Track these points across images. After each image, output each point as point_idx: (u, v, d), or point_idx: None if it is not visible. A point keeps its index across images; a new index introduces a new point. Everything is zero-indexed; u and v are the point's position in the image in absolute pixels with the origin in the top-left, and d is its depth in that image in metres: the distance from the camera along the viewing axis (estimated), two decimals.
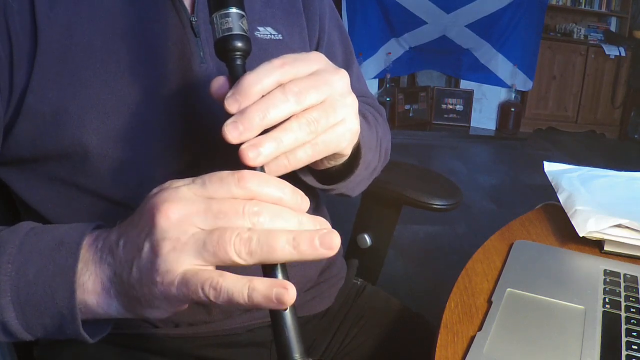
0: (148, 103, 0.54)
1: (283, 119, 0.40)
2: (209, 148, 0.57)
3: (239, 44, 0.43)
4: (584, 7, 4.62)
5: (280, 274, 0.38)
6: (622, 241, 0.70)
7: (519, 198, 3.13)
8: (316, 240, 0.35)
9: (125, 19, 0.54)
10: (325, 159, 0.50)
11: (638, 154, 4.29)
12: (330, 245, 0.35)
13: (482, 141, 4.32)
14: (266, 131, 0.40)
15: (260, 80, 0.40)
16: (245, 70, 0.42)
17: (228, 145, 0.39)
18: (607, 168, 0.95)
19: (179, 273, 0.35)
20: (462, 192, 0.95)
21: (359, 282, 0.83)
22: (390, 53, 4.21)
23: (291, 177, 0.45)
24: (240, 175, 0.36)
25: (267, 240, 0.35)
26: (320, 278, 0.73)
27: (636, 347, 0.50)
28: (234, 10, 0.43)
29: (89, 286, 0.40)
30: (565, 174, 0.89)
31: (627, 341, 0.51)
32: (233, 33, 0.43)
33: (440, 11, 4.11)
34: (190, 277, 0.35)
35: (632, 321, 0.55)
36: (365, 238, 0.96)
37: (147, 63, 0.54)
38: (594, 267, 0.66)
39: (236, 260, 0.35)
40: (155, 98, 0.54)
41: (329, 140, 0.43)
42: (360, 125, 0.48)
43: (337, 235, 0.36)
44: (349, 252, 0.99)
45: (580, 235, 0.71)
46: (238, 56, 0.43)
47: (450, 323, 0.54)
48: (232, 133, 0.39)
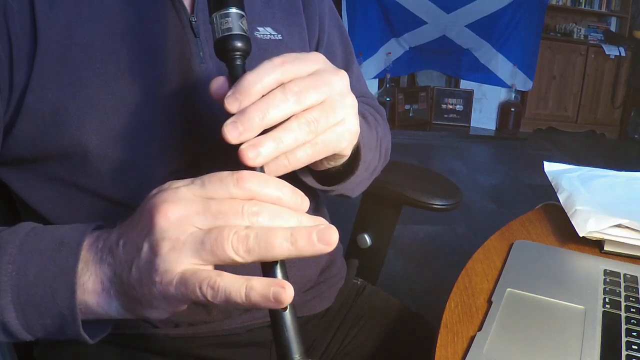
0: (148, 103, 0.54)
1: (283, 119, 0.40)
2: (209, 148, 0.57)
3: (239, 44, 0.43)
4: (584, 7, 4.62)
5: (280, 274, 0.38)
6: (622, 241, 0.70)
7: (519, 198, 3.13)
8: (314, 235, 0.35)
9: (125, 19, 0.54)
10: (325, 159, 0.50)
11: (638, 154, 4.29)
12: (328, 240, 0.35)
13: (482, 141, 4.32)
14: (266, 131, 0.40)
15: (260, 79, 0.40)
16: (245, 70, 0.42)
17: (228, 145, 0.39)
18: (607, 168, 0.95)
19: (178, 273, 0.35)
20: (462, 192, 0.95)
21: (359, 282, 0.83)
22: (390, 53, 4.21)
23: (291, 177, 0.45)
24: (239, 175, 0.37)
25: (265, 237, 0.35)
26: (320, 278, 0.73)
27: (636, 347, 0.50)
28: (233, 10, 0.43)
29: (90, 286, 0.40)
30: (565, 174, 0.89)
31: (627, 341, 0.51)
32: (233, 33, 0.43)
33: (440, 11, 4.11)
34: (189, 277, 0.35)
35: (632, 321, 0.55)
36: (365, 238, 0.96)
37: (147, 63, 0.54)
38: (594, 267, 0.66)
39: (234, 257, 0.35)
40: (155, 98, 0.54)
41: (328, 141, 0.43)
42: (360, 125, 0.48)
43: (335, 231, 0.36)
44: (349, 252, 0.99)
45: (580, 235, 0.71)
46: (238, 56, 0.43)
47: (450, 323, 0.54)
48: (232, 133, 0.39)
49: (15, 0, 0.50)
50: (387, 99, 4.21)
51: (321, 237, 0.35)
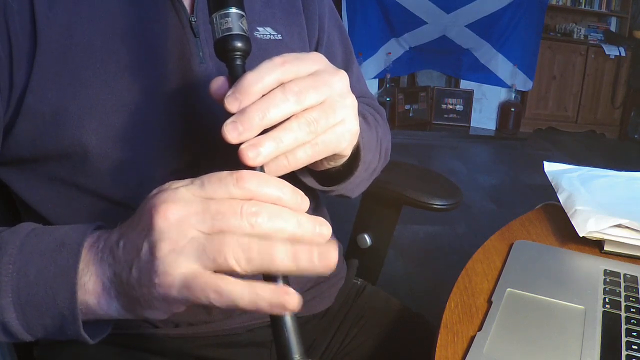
0: (148, 103, 0.54)
1: (283, 119, 0.40)
2: (209, 148, 0.57)
3: (239, 44, 0.43)
4: (584, 7, 4.62)
5: (281, 279, 0.38)
6: (622, 241, 0.70)
7: (519, 198, 3.13)
8: (315, 255, 0.36)
9: (125, 19, 0.54)
10: (325, 160, 0.50)
11: (638, 154, 4.29)
12: (327, 263, 0.36)
13: (482, 141, 4.32)
14: (266, 131, 0.40)
15: (261, 78, 0.40)
16: (245, 70, 0.42)
17: (228, 145, 0.39)
18: (607, 168, 0.95)
19: (178, 275, 0.35)
20: (462, 192, 0.95)
21: (359, 282, 0.83)
22: (390, 53, 4.21)
23: (291, 178, 0.45)
24: (239, 175, 0.37)
25: (268, 251, 0.35)
26: (320, 278, 0.73)
27: (636, 347, 0.50)
28: (233, 10, 0.43)
29: (90, 287, 0.40)
30: (565, 174, 0.89)
31: (627, 341, 0.51)
32: (233, 33, 0.42)
33: (440, 11, 4.11)
34: (193, 281, 0.35)
35: (632, 321, 0.55)
36: (365, 238, 0.96)
37: (147, 63, 0.54)
38: (594, 267, 0.66)
39: (234, 268, 0.35)
40: (155, 98, 0.55)
41: (328, 141, 0.43)
42: (360, 126, 0.48)
43: (335, 249, 0.36)
44: (349, 252, 0.99)
45: (580, 235, 0.71)
46: (238, 56, 0.43)
47: (450, 323, 0.54)
48: (232, 133, 0.39)
49: (15, 0, 0.50)
50: (387, 99, 4.21)
51: (322, 258, 0.36)
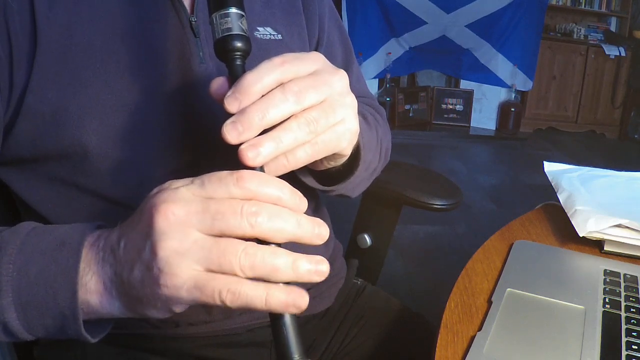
0: (148, 103, 0.54)
1: (282, 119, 0.40)
2: (208, 148, 0.57)
3: (239, 44, 0.43)
4: (584, 7, 4.62)
5: None
6: (622, 241, 0.70)
7: (519, 198, 3.13)
8: (313, 269, 0.37)
9: (125, 20, 0.54)
10: (325, 159, 0.50)
11: (638, 154, 4.29)
12: (322, 273, 0.38)
13: (482, 141, 4.32)
14: (266, 131, 0.40)
15: (260, 78, 0.40)
16: (244, 70, 0.42)
17: (228, 145, 0.39)
18: (607, 168, 0.95)
19: (186, 277, 0.36)
20: (462, 192, 0.95)
21: (359, 282, 0.83)
22: (390, 53, 4.21)
23: (291, 178, 0.45)
24: (239, 175, 0.37)
25: (271, 261, 0.36)
26: (322, 280, 0.73)
27: (636, 347, 0.50)
28: (233, 10, 0.43)
29: (92, 286, 0.40)
30: (565, 174, 0.89)
31: (627, 341, 0.51)
32: (232, 33, 0.42)
33: (440, 11, 4.11)
34: (206, 283, 0.35)
35: (632, 321, 0.55)
36: (365, 238, 0.96)
37: (147, 63, 0.54)
38: (594, 267, 0.66)
39: (238, 273, 0.36)
40: (155, 98, 0.55)
41: (328, 140, 0.43)
42: (360, 125, 0.48)
43: (327, 264, 0.38)
44: (349, 252, 0.99)
45: (580, 235, 0.71)
46: (238, 56, 0.43)
47: (450, 323, 0.54)
48: (232, 133, 0.39)
49: (15, 0, 0.50)
50: (387, 99, 4.21)
51: (316, 269, 0.38)
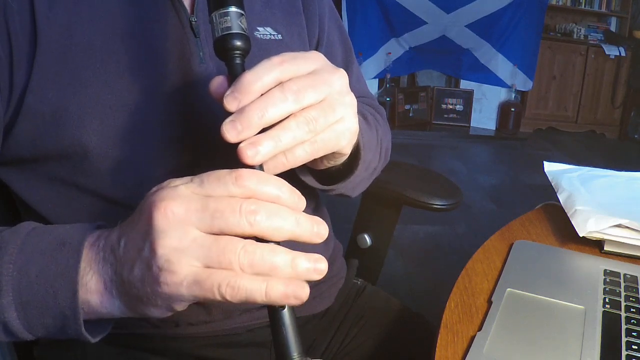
0: (148, 103, 0.54)
1: (282, 118, 0.40)
2: (208, 148, 0.57)
3: (238, 43, 0.43)
4: (584, 7, 4.62)
5: None
6: (622, 241, 0.70)
7: (519, 198, 3.13)
8: (312, 267, 0.37)
9: (125, 20, 0.54)
10: (325, 158, 0.50)
11: (638, 154, 4.29)
12: (321, 271, 0.38)
13: (482, 141, 4.32)
14: (265, 130, 0.40)
15: (259, 77, 0.40)
16: (244, 69, 0.42)
17: (227, 144, 0.39)
18: (607, 168, 0.95)
19: (186, 274, 0.36)
20: (462, 192, 0.95)
21: (359, 282, 0.83)
22: (390, 53, 4.21)
23: (290, 177, 0.45)
24: (238, 173, 0.37)
25: (270, 258, 0.36)
26: (320, 278, 0.73)
27: (636, 347, 0.50)
28: (233, 9, 0.43)
29: (92, 286, 0.40)
30: (565, 174, 0.89)
31: (627, 341, 0.51)
32: (232, 32, 0.42)
33: (440, 11, 4.11)
34: (205, 278, 0.35)
35: (632, 321, 0.55)
36: (365, 238, 0.96)
37: (147, 63, 0.54)
38: (594, 267, 0.66)
39: (237, 271, 0.35)
40: (155, 98, 0.55)
41: (327, 139, 0.43)
42: (360, 125, 0.48)
43: (325, 262, 0.38)
44: (349, 252, 0.99)
45: (580, 235, 0.71)
46: (237, 55, 0.43)
47: (450, 323, 0.54)
48: (231, 132, 0.39)
49: (15, 0, 0.50)
50: (387, 99, 4.21)
51: (315, 267, 0.38)
